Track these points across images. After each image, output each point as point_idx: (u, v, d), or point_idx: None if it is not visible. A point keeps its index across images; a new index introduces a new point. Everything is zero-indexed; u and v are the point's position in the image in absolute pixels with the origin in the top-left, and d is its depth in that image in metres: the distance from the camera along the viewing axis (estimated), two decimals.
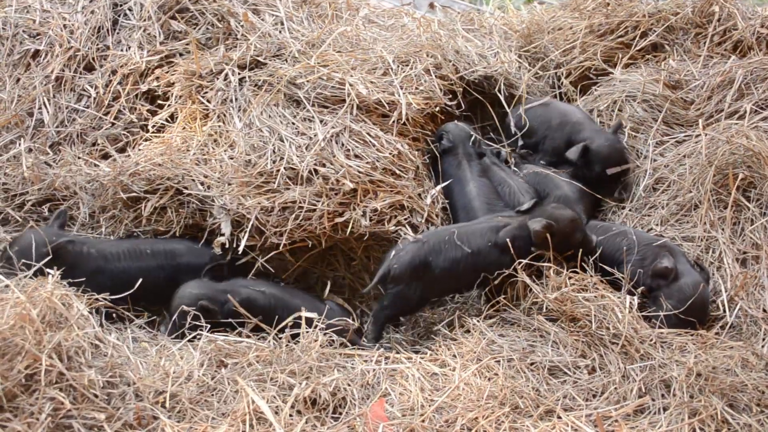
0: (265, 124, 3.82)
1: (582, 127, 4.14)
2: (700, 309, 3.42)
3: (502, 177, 4.09)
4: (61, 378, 2.81)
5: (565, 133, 4.17)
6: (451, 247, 3.50)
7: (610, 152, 4.03)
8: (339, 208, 3.66)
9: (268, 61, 4.07)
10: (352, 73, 4.01)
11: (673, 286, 3.43)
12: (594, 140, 4.05)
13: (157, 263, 3.61)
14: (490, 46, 4.65)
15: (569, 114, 4.25)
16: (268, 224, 3.58)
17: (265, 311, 3.37)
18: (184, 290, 3.45)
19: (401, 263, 3.47)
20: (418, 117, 4.11)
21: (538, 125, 4.28)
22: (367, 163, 3.77)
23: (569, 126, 4.17)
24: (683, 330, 3.32)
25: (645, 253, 3.55)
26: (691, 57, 4.54)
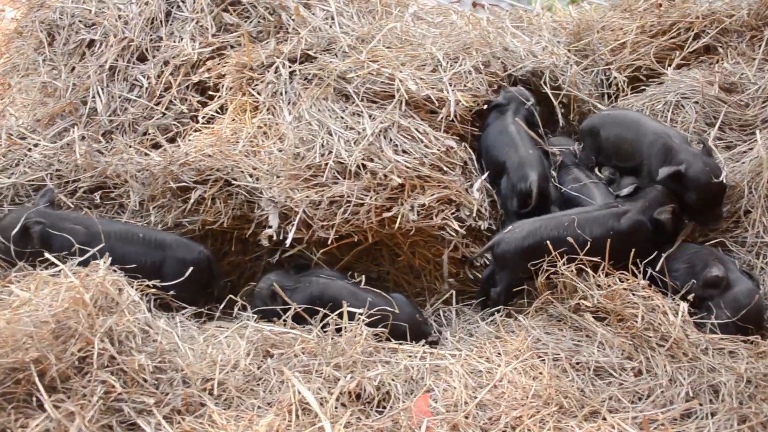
0: (315, 118, 3.84)
1: (678, 149, 3.68)
2: (756, 317, 3.35)
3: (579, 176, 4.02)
4: (113, 361, 2.87)
5: (660, 155, 3.72)
6: (570, 233, 3.47)
7: (708, 179, 3.58)
8: (386, 203, 3.67)
9: (318, 55, 4.08)
10: (401, 68, 4.01)
11: (726, 295, 3.36)
12: (691, 165, 3.60)
13: (145, 250, 3.56)
14: (538, 41, 4.63)
15: (662, 133, 3.81)
16: (316, 218, 3.61)
17: (335, 303, 3.36)
18: (265, 276, 3.55)
19: (513, 239, 3.52)
20: (466, 114, 4.10)
21: (627, 146, 3.92)
22: (415, 158, 3.77)
23: (664, 148, 3.72)
24: (735, 336, 3.26)
25: (693, 260, 3.50)
26: (746, 60, 4.46)
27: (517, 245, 3.53)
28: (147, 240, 3.57)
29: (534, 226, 3.56)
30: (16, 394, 2.73)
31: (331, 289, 3.46)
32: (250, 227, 3.72)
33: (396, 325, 3.37)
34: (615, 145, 3.95)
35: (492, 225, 3.88)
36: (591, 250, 3.39)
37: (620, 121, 4.01)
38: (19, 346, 2.76)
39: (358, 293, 3.46)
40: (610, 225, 3.52)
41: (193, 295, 3.56)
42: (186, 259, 3.58)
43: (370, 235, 3.69)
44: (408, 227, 3.68)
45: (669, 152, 3.67)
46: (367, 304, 3.34)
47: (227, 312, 3.59)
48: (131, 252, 3.49)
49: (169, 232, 3.73)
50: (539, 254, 3.45)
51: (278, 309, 3.41)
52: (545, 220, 3.60)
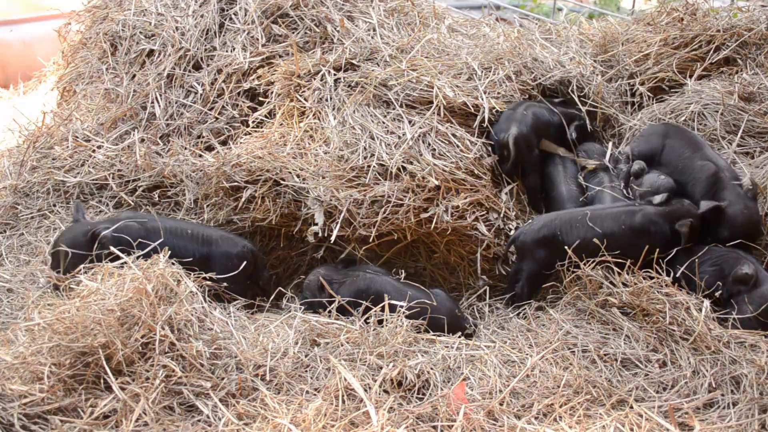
0: (358, 123, 3.85)
1: (725, 185, 3.65)
2: None
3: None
4: (173, 348, 2.90)
5: (706, 184, 3.69)
6: (582, 226, 3.52)
7: (744, 222, 3.55)
8: (424, 204, 3.67)
9: (361, 64, 4.10)
10: (439, 77, 4.01)
11: (754, 292, 3.31)
12: (733, 204, 3.58)
13: (193, 245, 3.54)
14: (566, 52, 4.59)
15: (715, 164, 3.75)
16: (358, 216, 3.61)
17: (379, 296, 3.36)
18: (315, 270, 3.57)
19: (530, 230, 3.59)
20: (493, 114, 4.05)
21: (682, 161, 3.84)
22: (451, 162, 3.76)
23: (713, 179, 3.68)
24: (757, 331, 3.21)
25: (721, 262, 3.44)
26: (764, 71, 4.39)
27: (533, 236, 3.60)
28: (195, 235, 3.57)
29: (549, 218, 3.65)
30: (86, 377, 2.77)
31: (377, 283, 3.46)
32: (297, 224, 3.74)
33: (436, 318, 3.36)
34: (674, 155, 3.91)
35: (518, 225, 3.85)
36: (601, 242, 3.41)
37: (686, 137, 3.96)
38: (88, 332, 2.80)
39: (401, 288, 3.45)
40: (623, 220, 3.54)
41: (240, 286, 3.56)
42: (231, 252, 3.58)
43: (409, 234, 3.69)
44: (443, 227, 3.68)
45: (716, 184, 3.67)
46: (408, 297, 3.34)
47: (276, 304, 3.60)
48: (180, 246, 3.49)
49: (216, 228, 3.74)
50: (553, 244, 3.53)
51: (324, 301, 3.41)
52: (561, 213, 3.69)
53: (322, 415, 2.73)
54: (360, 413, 2.77)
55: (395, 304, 3.28)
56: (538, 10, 7.43)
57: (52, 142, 4.28)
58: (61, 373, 2.74)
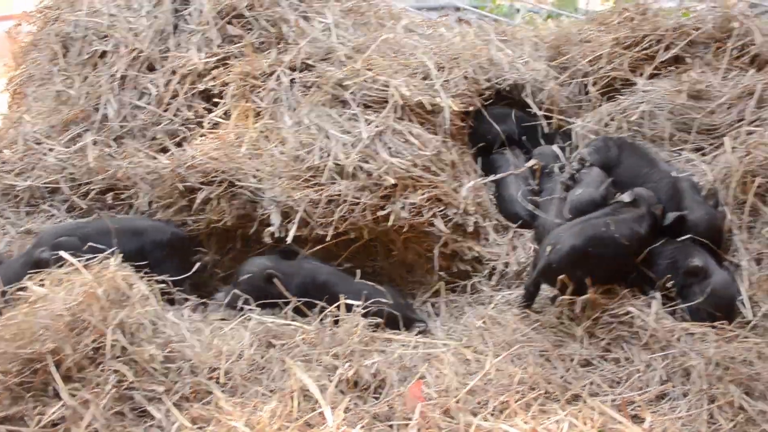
0: (314, 123, 3.81)
1: (684, 194, 3.69)
2: (729, 305, 3.34)
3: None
4: (125, 352, 2.81)
5: (668, 197, 3.70)
6: (609, 233, 3.35)
7: (706, 227, 3.56)
8: (381, 202, 3.64)
9: (316, 64, 4.06)
10: (395, 76, 3.98)
11: (704, 283, 3.33)
12: (694, 211, 3.60)
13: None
14: (520, 55, 4.60)
15: (674, 179, 3.79)
16: (315, 216, 3.56)
17: (327, 288, 3.34)
18: (254, 260, 3.47)
19: (560, 255, 3.29)
20: (455, 118, 4.08)
21: (638, 182, 3.83)
22: (408, 160, 3.74)
23: (673, 190, 3.72)
24: (705, 324, 3.23)
25: (675, 254, 3.45)
26: (712, 69, 4.43)
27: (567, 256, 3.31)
28: (123, 230, 3.46)
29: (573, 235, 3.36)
30: (34, 384, 2.67)
31: (321, 274, 3.42)
32: (253, 225, 3.67)
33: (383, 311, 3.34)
34: (633, 172, 3.91)
35: (480, 221, 3.86)
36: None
37: (641, 153, 4.00)
38: (36, 338, 2.71)
39: (347, 277, 3.43)
40: (634, 228, 3.46)
41: (179, 272, 3.45)
42: (162, 240, 3.52)
43: (366, 232, 3.65)
44: (401, 224, 3.65)
45: (676, 195, 3.69)
46: (355, 288, 3.33)
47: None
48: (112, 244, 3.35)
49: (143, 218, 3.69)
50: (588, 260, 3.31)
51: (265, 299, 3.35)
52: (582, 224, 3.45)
53: (277, 417, 2.67)
54: (315, 414, 2.71)
55: (351, 303, 3.24)
56: (497, 11, 7.44)
57: (1, 146, 4.16)
58: (8, 381, 2.64)
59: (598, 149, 4.07)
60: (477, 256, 3.79)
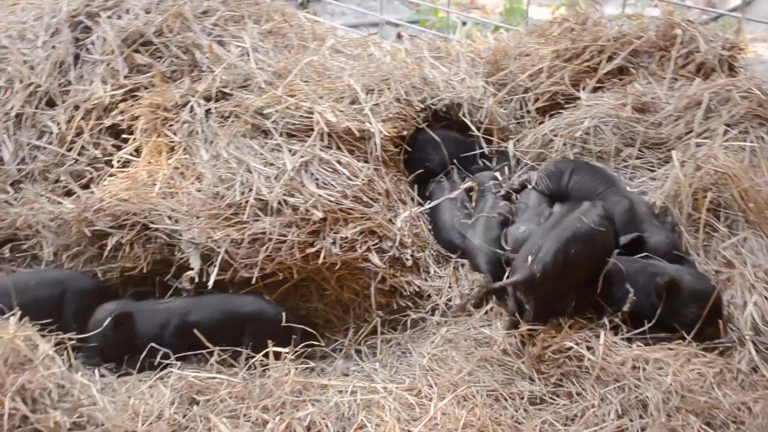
0: (233, 156, 3.82)
1: (641, 218, 3.82)
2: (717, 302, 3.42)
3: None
4: (26, 421, 2.75)
5: (624, 220, 3.81)
6: (585, 228, 3.49)
7: (667, 251, 3.66)
8: (309, 238, 3.66)
9: (234, 92, 4.08)
10: (319, 101, 4.03)
11: (684, 293, 3.41)
12: (654, 235, 3.72)
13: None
14: (456, 72, 4.70)
15: (629, 199, 3.91)
16: (238, 257, 3.57)
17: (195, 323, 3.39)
18: (102, 307, 3.46)
19: (545, 264, 3.36)
20: (387, 144, 4.15)
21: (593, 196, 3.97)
22: (337, 191, 3.78)
23: (630, 214, 3.82)
24: (659, 347, 3.33)
25: (634, 278, 3.50)
26: (657, 79, 4.61)
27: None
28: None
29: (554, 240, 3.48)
30: None
31: (185, 308, 3.46)
32: (172, 271, 3.66)
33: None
34: (586, 192, 4.01)
35: (416, 254, 3.90)
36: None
37: (597, 172, 4.12)
38: None
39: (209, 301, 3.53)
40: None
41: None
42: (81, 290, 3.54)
43: (295, 272, 3.66)
44: (333, 261, 3.67)
45: (633, 218, 3.81)
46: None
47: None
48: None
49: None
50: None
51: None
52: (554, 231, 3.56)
53: None
54: None
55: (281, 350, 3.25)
56: (440, 24, 7.57)
57: None
58: None
59: (550, 175, 4.19)
60: (417, 290, 3.83)
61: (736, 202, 3.80)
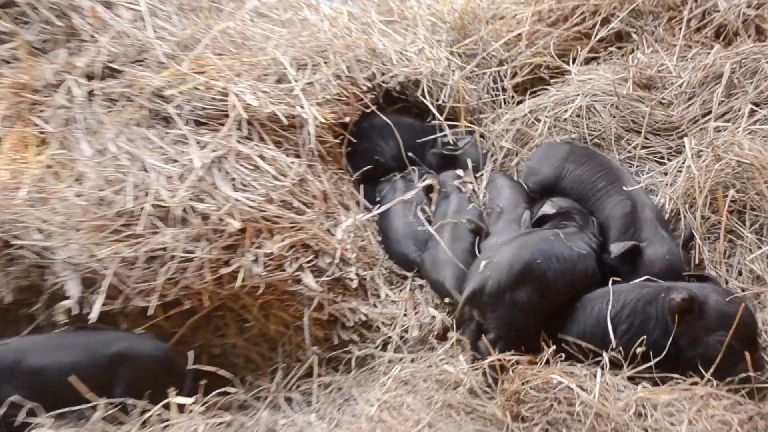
0: (124, 150, 3.78)
1: (643, 225, 3.82)
2: (750, 322, 3.41)
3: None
4: None
5: (623, 225, 3.86)
6: (560, 245, 3.56)
7: (664, 269, 3.67)
8: (224, 255, 3.62)
9: (125, 69, 4.05)
10: (236, 80, 4.01)
11: (709, 315, 3.36)
12: (653, 246, 3.74)
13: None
14: (413, 41, 4.72)
15: (637, 204, 3.92)
16: (131, 281, 3.51)
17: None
18: None
19: (499, 271, 3.45)
20: (325, 133, 4.14)
21: (589, 201, 4.04)
22: (260, 194, 3.75)
23: (630, 218, 3.86)
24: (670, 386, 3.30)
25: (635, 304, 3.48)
26: (665, 47, 4.64)
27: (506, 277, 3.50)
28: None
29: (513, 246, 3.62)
30: None
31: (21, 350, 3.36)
32: (42, 300, 3.57)
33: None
34: (583, 188, 4.07)
35: (362, 273, 3.91)
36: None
37: (597, 162, 4.13)
38: None
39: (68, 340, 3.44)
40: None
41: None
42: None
43: (206, 299, 3.62)
44: (255, 284, 3.64)
45: (633, 224, 3.82)
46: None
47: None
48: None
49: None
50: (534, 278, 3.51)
51: None
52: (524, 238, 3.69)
53: None
54: None
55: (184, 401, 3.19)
56: None
57: None
58: None
59: (539, 168, 4.23)
60: (364, 319, 3.83)
61: (767, 201, 3.81)
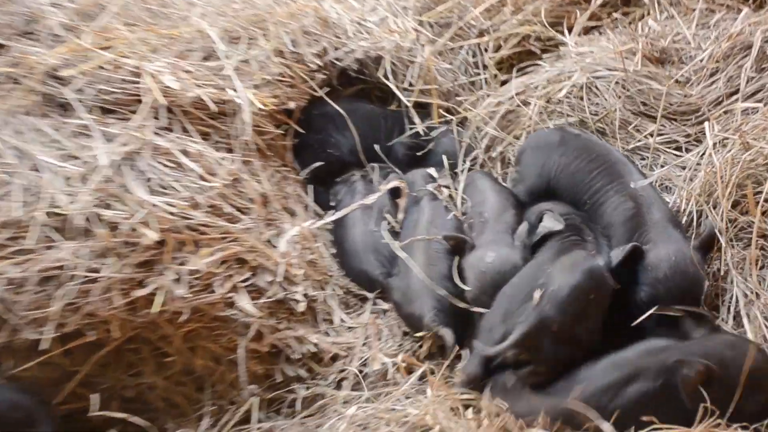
0: (10, 145, 3.72)
1: (649, 226, 3.80)
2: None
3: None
4: None
5: (627, 230, 3.85)
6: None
7: (670, 275, 3.64)
8: (137, 274, 3.57)
9: (10, 43, 4.05)
10: (152, 57, 3.99)
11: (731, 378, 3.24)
12: (657, 247, 3.71)
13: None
14: (374, 9, 4.75)
15: (642, 204, 3.89)
16: (19, 308, 3.45)
17: None
18: None
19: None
20: (265, 122, 4.15)
21: (583, 202, 4.06)
22: (182, 198, 3.71)
23: (634, 223, 3.85)
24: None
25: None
26: (682, 12, 4.66)
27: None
28: None
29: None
30: None
31: None
32: None
33: None
34: (578, 185, 4.08)
35: (311, 294, 3.91)
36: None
37: (596, 153, 4.11)
38: None
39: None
40: None
41: None
42: None
43: (116, 328, 3.57)
44: (178, 309, 3.60)
45: (637, 228, 3.79)
46: None
47: None
48: None
49: None
50: None
51: None
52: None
53: None
54: None
55: None
56: None
57: None
58: None
59: (524, 157, 4.23)
60: (314, 351, 3.82)
61: None
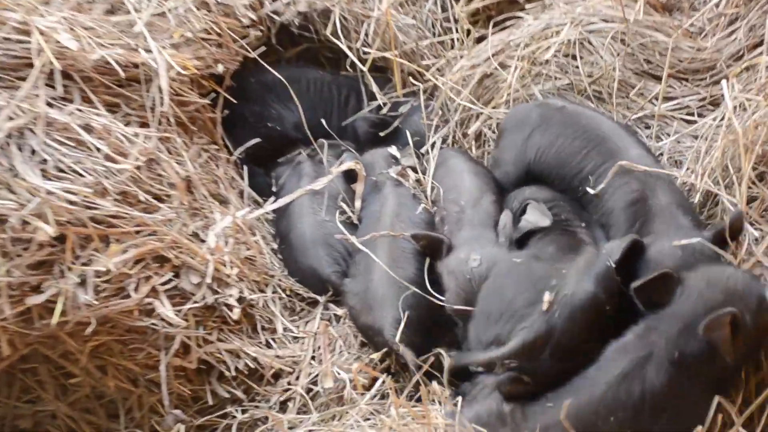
0: None
1: (657, 212, 3.86)
2: None
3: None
4: None
5: (629, 218, 3.91)
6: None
7: (677, 268, 3.63)
8: (32, 277, 3.54)
9: None
10: (44, 11, 3.97)
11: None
12: (660, 239, 3.77)
13: None
14: None
15: (646, 186, 3.93)
16: None
17: None
18: None
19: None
20: (186, 90, 4.17)
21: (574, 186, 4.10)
22: (86, 183, 3.67)
23: (636, 209, 3.90)
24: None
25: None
26: None
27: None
28: None
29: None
30: None
31: None
32: None
33: None
34: (566, 165, 4.11)
35: (249, 297, 3.92)
36: None
37: (586, 126, 4.13)
38: None
39: None
40: None
41: None
42: None
43: (6, 344, 3.55)
44: (83, 319, 3.56)
45: (641, 215, 3.84)
46: None
47: None
48: None
49: None
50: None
51: None
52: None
53: None
54: None
55: None
56: None
57: None
58: None
59: (511, 145, 4.23)
60: (253, 366, 3.83)
61: None
